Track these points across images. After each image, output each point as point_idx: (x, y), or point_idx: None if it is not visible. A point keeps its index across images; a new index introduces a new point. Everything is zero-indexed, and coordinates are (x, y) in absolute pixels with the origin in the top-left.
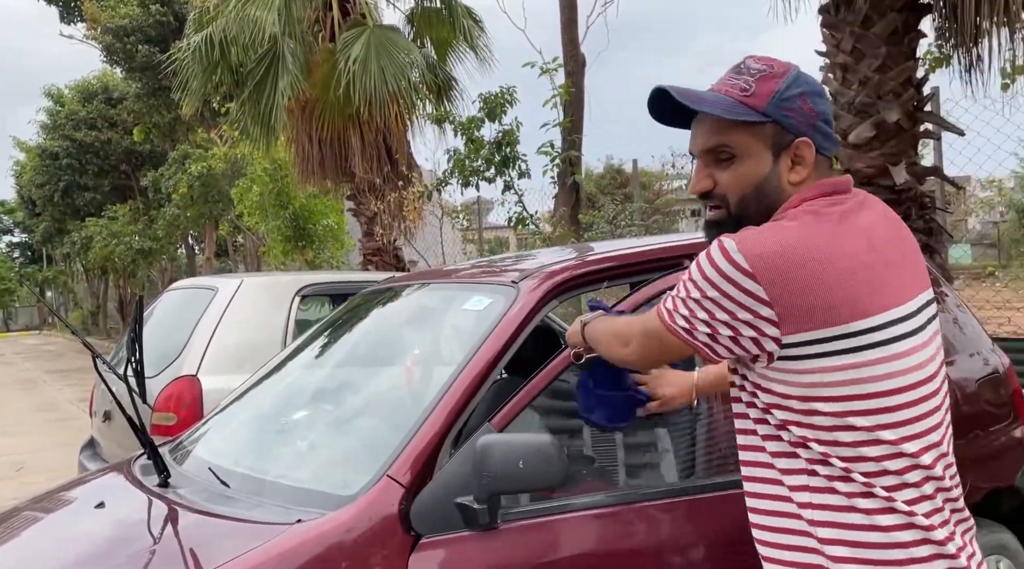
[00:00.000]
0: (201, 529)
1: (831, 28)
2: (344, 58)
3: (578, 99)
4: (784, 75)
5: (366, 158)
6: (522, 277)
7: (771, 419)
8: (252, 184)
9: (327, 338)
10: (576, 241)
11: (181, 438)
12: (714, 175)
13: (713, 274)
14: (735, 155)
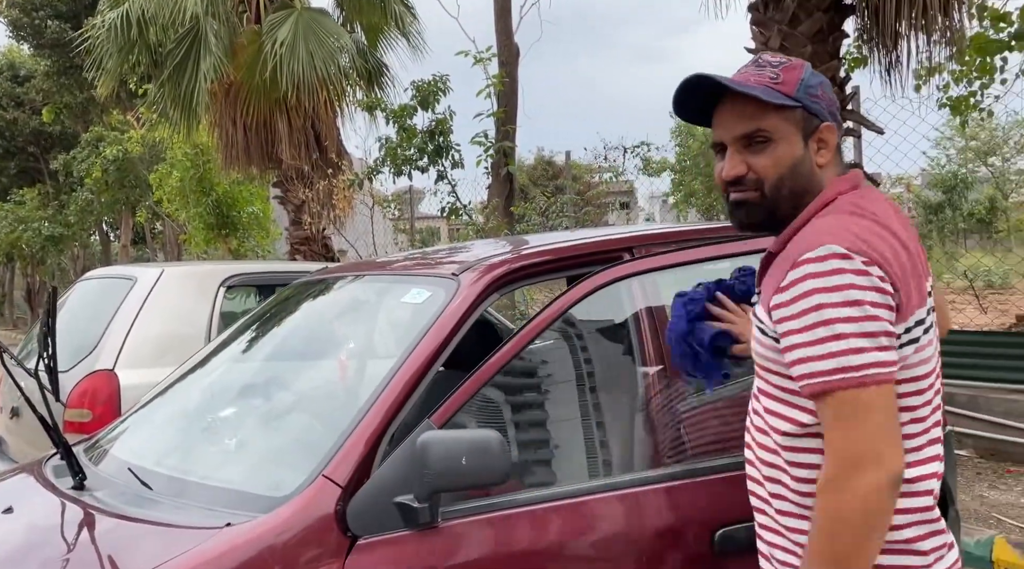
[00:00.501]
0: (121, 534)
1: (760, 25)
2: (271, 40)
3: (512, 90)
4: (803, 67)
5: (293, 144)
6: (462, 270)
7: None
8: (172, 169)
9: (256, 331)
10: (509, 233)
11: (97, 436)
12: (748, 160)
13: (852, 293)
14: (771, 139)
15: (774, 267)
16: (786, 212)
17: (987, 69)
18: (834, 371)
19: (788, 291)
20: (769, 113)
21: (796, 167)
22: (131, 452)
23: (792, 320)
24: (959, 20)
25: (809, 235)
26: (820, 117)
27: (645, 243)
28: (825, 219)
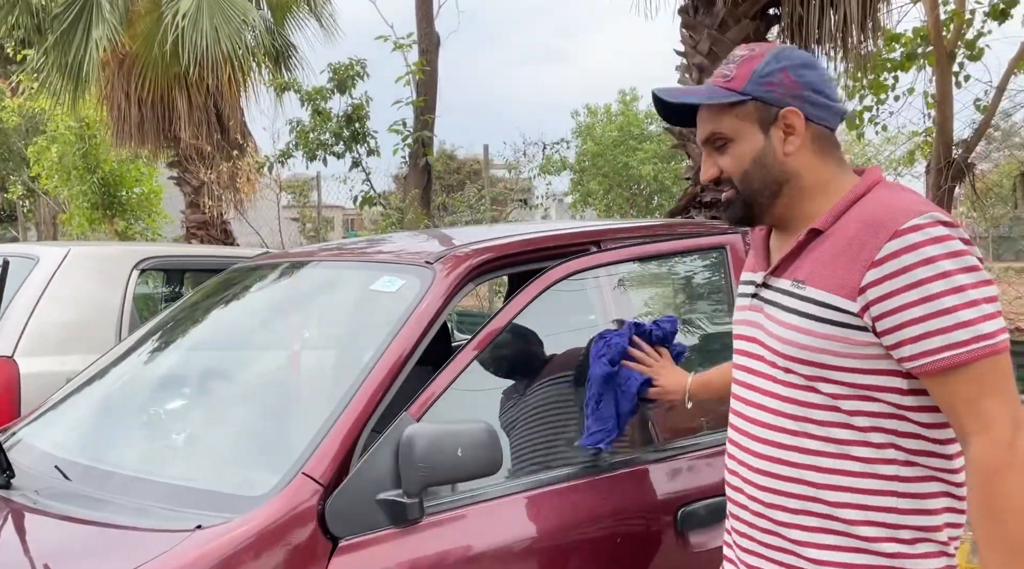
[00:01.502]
0: (70, 539)
1: (690, 29)
2: (171, 12)
3: (432, 79)
4: (763, 55)
5: (194, 122)
6: (436, 258)
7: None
8: (53, 143)
9: (198, 317)
10: (429, 224)
11: (12, 429)
12: (717, 162)
13: (970, 259)
14: (729, 139)
15: (830, 243)
16: (765, 204)
17: (880, 86)
18: (975, 340)
19: (893, 261)
20: (723, 114)
21: (759, 160)
22: (58, 446)
23: (908, 291)
24: (870, 40)
25: (893, 207)
26: (777, 104)
27: (615, 236)
28: (892, 191)
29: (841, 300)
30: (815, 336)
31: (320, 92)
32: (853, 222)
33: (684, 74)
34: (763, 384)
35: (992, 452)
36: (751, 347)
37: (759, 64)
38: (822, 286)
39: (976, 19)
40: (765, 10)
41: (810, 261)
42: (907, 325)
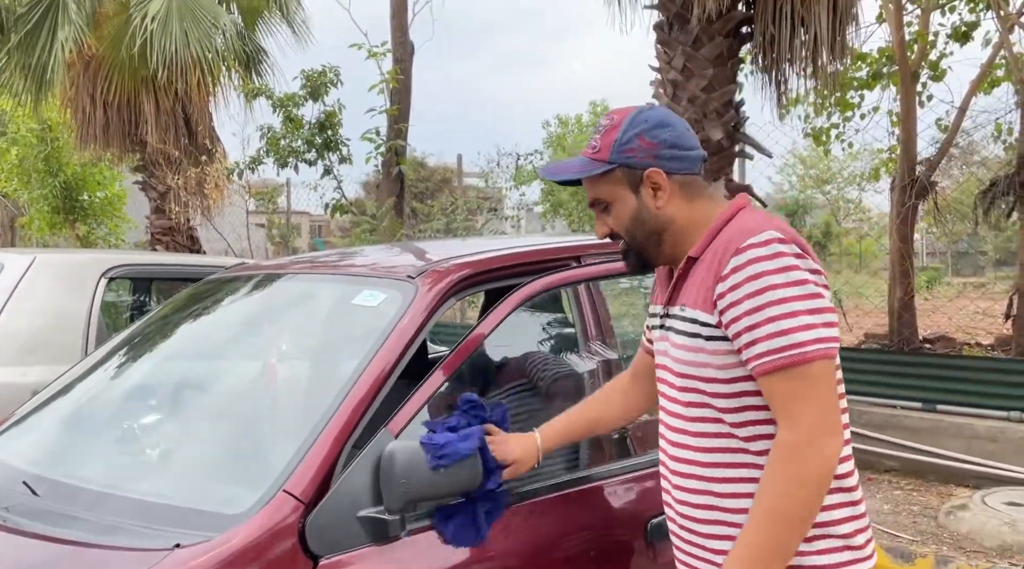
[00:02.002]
0: (39, 558)
1: (664, 45)
2: (140, 14)
3: (406, 87)
4: (620, 124)
5: (161, 126)
6: (418, 272)
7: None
8: (14, 145)
9: (175, 329)
10: (404, 233)
11: None
12: (606, 221)
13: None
14: (609, 202)
15: (701, 267)
16: (653, 251)
17: (846, 104)
18: (793, 347)
19: (734, 275)
20: (598, 182)
21: (636, 219)
22: (26, 461)
23: (744, 301)
24: (838, 59)
25: (743, 228)
26: (640, 167)
27: (593, 251)
28: (750, 215)
29: (705, 315)
30: (696, 352)
31: (292, 99)
32: (718, 245)
33: (659, 89)
34: (671, 406)
35: (787, 442)
36: (664, 374)
37: (618, 134)
38: (695, 305)
39: (939, 41)
40: (738, 28)
41: (689, 286)
42: (743, 332)
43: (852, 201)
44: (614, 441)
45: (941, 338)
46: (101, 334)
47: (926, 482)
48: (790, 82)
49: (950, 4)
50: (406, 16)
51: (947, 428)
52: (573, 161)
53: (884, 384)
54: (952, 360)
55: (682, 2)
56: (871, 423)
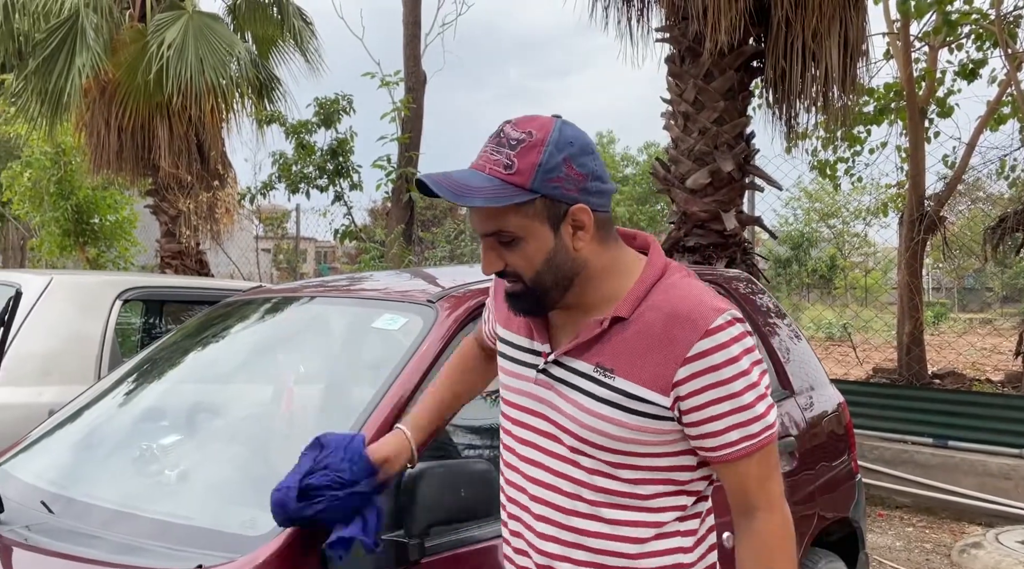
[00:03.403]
0: None
1: (676, 78)
2: (157, 41)
3: (417, 116)
4: (544, 143)
5: (174, 151)
6: (438, 297)
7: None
8: (27, 168)
9: (195, 351)
10: (412, 259)
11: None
12: (504, 256)
13: (756, 352)
14: (517, 237)
15: (636, 334)
16: (557, 297)
17: (852, 139)
18: (765, 430)
19: (700, 361)
20: (508, 211)
21: (551, 260)
22: (52, 481)
23: (711, 390)
24: (848, 94)
25: (697, 301)
26: (566, 201)
27: None
28: (688, 280)
29: (655, 395)
30: (626, 427)
31: (305, 125)
32: (655, 312)
33: (670, 121)
34: (556, 465)
35: (779, 524)
36: (539, 423)
37: (542, 156)
38: (636, 379)
39: (947, 78)
40: (749, 62)
41: (615, 349)
42: (712, 420)
43: (858, 235)
44: None
45: (951, 373)
46: (115, 355)
47: (938, 519)
48: (800, 116)
49: (958, 42)
50: (419, 46)
51: (959, 464)
52: (472, 177)
53: (894, 419)
54: (963, 396)
55: (694, 36)
56: (881, 458)
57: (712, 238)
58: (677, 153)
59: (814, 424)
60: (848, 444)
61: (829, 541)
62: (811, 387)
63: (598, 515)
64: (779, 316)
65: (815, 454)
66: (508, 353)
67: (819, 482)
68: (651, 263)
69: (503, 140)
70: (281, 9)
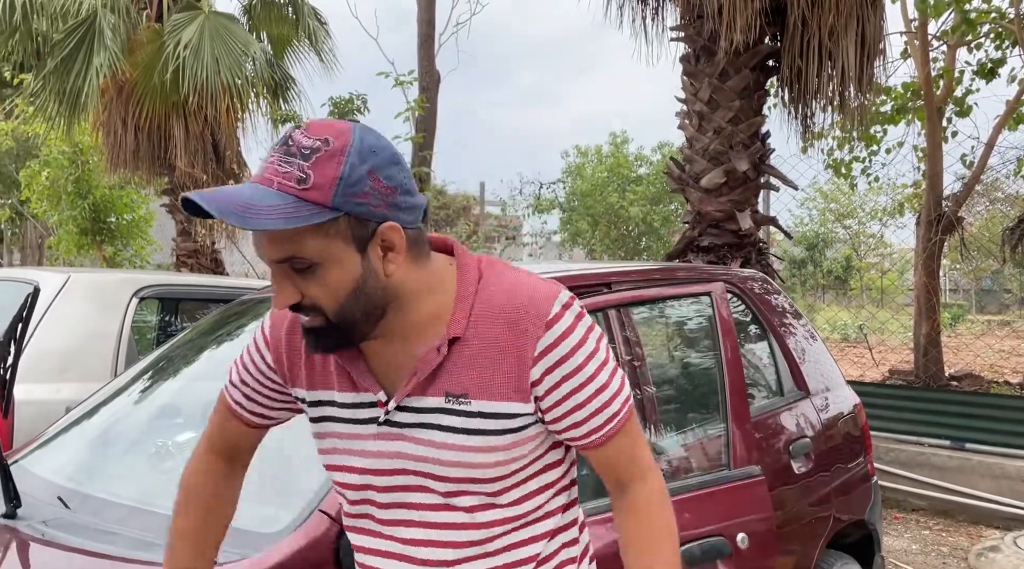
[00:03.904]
0: None
1: (691, 77)
2: (174, 41)
3: (431, 115)
4: (344, 151)
5: (189, 151)
6: None
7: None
8: (45, 167)
9: (210, 348)
10: None
11: (16, 457)
12: (299, 286)
13: (596, 327)
14: (314, 264)
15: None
16: (367, 330)
17: (869, 138)
18: (625, 403)
19: (549, 356)
20: (304, 233)
21: (359, 289)
22: (69, 477)
23: (566, 381)
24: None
25: (522, 295)
26: (374, 219)
27: (624, 278)
28: (510, 272)
29: (517, 405)
30: (499, 450)
31: None
32: (490, 320)
33: (684, 120)
34: (434, 517)
35: (659, 492)
36: (398, 480)
37: (344, 169)
38: (493, 397)
39: (965, 77)
40: (765, 61)
41: (461, 372)
42: (576, 410)
43: (874, 236)
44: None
45: (968, 375)
46: (131, 353)
47: (955, 522)
48: (816, 115)
49: (976, 41)
50: (433, 46)
51: (976, 467)
52: (259, 193)
53: (911, 421)
54: (981, 398)
55: (709, 35)
56: (897, 461)
57: (727, 238)
58: (692, 152)
59: (830, 425)
60: (864, 446)
61: (845, 543)
62: (827, 388)
63: (490, 550)
64: (795, 316)
65: (831, 456)
66: (332, 414)
67: (835, 484)
68: (464, 267)
69: (293, 149)
70: (296, 9)
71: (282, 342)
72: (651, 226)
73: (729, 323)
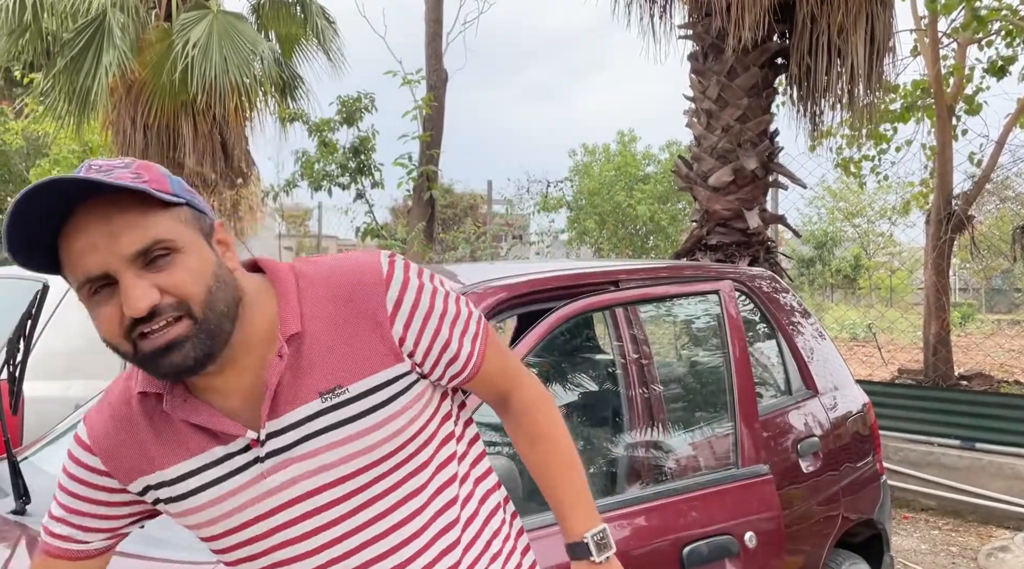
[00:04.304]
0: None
1: (699, 75)
2: (182, 41)
3: (439, 114)
4: (153, 170)
5: (198, 149)
6: (463, 291)
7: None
8: (56, 166)
9: None
10: (432, 257)
11: (26, 454)
12: (157, 283)
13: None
14: (174, 249)
15: (325, 339)
16: (229, 332)
17: (878, 137)
18: (479, 321)
19: (402, 308)
20: (159, 216)
21: (219, 276)
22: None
23: (427, 325)
24: (873, 91)
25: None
26: (207, 213)
27: (631, 276)
28: (324, 260)
29: (396, 368)
30: (395, 418)
31: (327, 124)
32: (324, 305)
33: (692, 118)
34: (359, 519)
35: (536, 391)
36: (304, 505)
37: (162, 174)
38: (367, 371)
39: (975, 75)
40: (773, 59)
41: (320, 364)
42: (446, 347)
43: (883, 235)
44: (649, 467)
45: (978, 375)
46: None
47: (965, 522)
48: (824, 113)
49: (987, 38)
50: (441, 45)
51: (986, 467)
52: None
53: (920, 421)
54: (991, 397)
55: (717, 33)
56: (907, 460)
57: (735, 236)
58: (700, 151)
59: (838, 425)
60: (873, 445)
61: (853, 543)
62: (835, 387)
63: (419, 509)
64: (803, 315)
65: (839, 455)
66: (204, 482)
67: (843, 483)
68: (276, 271)
69: (105, 166)
70: (304, 8)
71: (109, 439)
72: (659, 225)
73: (737, 322)
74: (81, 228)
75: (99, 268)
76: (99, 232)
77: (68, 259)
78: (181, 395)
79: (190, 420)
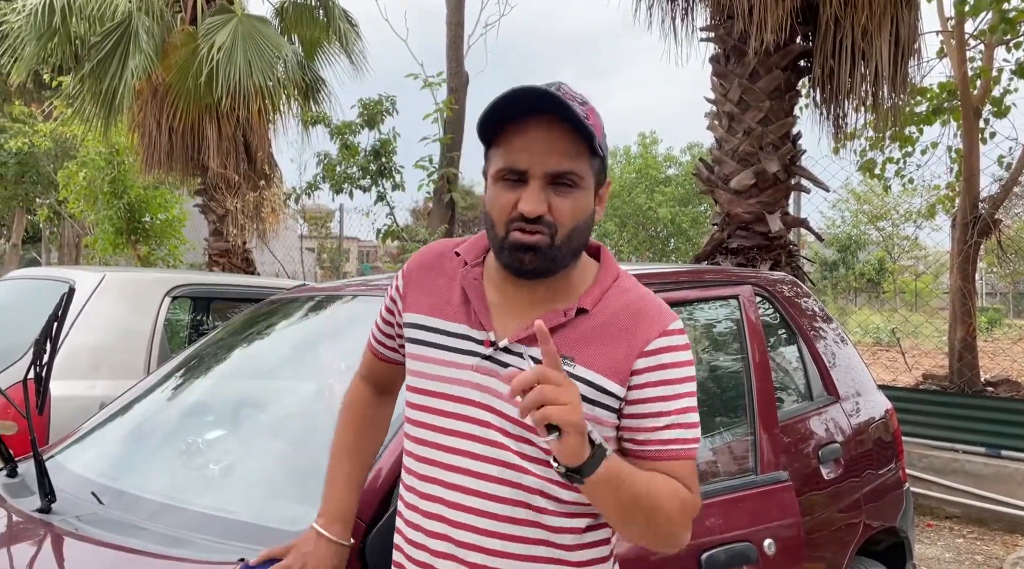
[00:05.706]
0: (119, 567)
1: (720, 77)
2: (207, 44)
3: (460, 117)
4: (598, 115)
5: (222, 152)
6: None
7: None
8: (82, 168)
9: (240, 348)
10: None
11: (52, 452)
12: (550, 201)
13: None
14: (577, 185)
15: (597, 325)
16: (563, 265)
17: (903, 139)
18: (695, 441)
19: (659, 356)
20: (582, 155)
21: (587, 221)
22: (101, 473)
23: (663, 386)
24: (898, 93)
25: (651, 301)
26: (606, 173)
27: (650, 280)
28: (646, 290)
29: (613, 384)
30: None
31: (349, 126)
32: (617, 307)
33: (714, 121)
34: (493, 453)
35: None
36: (477, 413)
37: (602, 126)
38: (596, 368)
39: (1003, 77)
40: (796, 61)
41: (575, 339)
42: (652, 416)
43: (908, 238)
44: None
45: (1004, 381)
46: (163, 350)
47: (990, 530)
48: (848, 116)
49: (1016, 40)
50: (462, 48)
51: (1012, 474)
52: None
53: (945, 427)
54: (1017, 404)
55: (739, 35)
56: (931, 467)
57: (756, 240)
58: (721, 154)
59: (860, 431)
60: (896, 452)
61: (875, 550)
62: (857, 393)
63: (537, 504)
64: (825, 320)
65: (861, 461)
66: (437, 342)
67: (865, 490)
68: (608, 265)
69: (566, 91)
70: (327, 12)
71: (417, 270)
72: (679, 228)
73: (757, 326)
74: (530, 132)
75: (524, 166)
76: (540, 142)
77: (506, 145)
78: (478, 276)
79: (468, 292)
